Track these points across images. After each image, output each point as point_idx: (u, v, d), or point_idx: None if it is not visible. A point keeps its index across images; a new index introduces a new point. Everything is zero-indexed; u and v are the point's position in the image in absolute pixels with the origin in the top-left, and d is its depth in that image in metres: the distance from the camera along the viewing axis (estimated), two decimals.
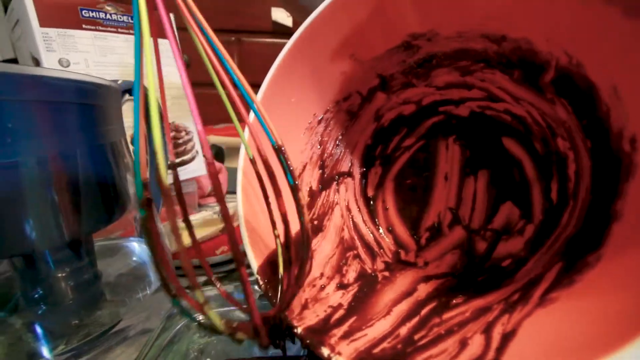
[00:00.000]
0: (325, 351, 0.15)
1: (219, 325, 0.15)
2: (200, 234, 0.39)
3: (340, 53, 0.24)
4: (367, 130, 0.29)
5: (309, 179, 0.26)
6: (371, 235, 0.27)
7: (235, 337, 0.16)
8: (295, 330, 0.16)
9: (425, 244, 0.25)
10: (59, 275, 0.22)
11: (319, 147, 0.27)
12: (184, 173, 0.45)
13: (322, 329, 0.16)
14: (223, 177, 0.61)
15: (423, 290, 0.21)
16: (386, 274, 0.23)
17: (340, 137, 0.28)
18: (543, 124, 0.21)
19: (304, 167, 0.26)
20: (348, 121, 0.28)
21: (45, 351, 0.21)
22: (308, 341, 0.15)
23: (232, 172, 0.68)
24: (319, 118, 0.27)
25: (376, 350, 0.15)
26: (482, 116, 0.25)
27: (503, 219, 0.22)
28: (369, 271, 0.23)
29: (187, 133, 0.45)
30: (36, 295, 0.22)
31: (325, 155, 0.28)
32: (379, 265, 0.24)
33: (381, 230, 0.27)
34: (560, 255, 0.17)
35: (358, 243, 0.26)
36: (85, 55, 0.33)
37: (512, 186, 0.22)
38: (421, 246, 0.25)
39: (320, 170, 0.27)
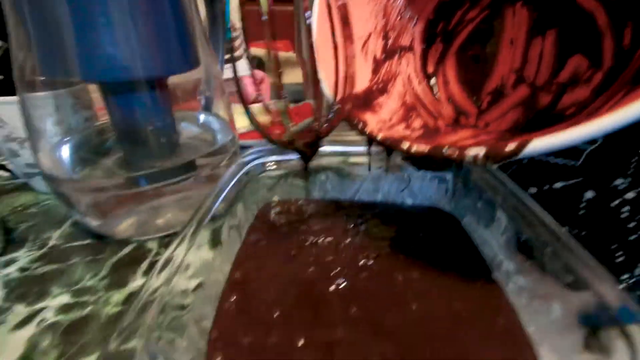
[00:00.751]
0: (404, 145, 0.18)
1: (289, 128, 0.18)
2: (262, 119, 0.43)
3: None
4: (429, 3, 0.30)
5: (374, 48, 0.28)
6: (431, 105, 0.29)
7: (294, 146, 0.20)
8: (376, 138, 0.19)
9: (487, 108, 0.27)
10: (149, 128, 0.28)
11: (382, 18, 0.29)
12: (231, 71, 0.48)
13: (399, 139, 0.19)
14: (265, 87, 0.63)
15: (485, 138, 0.23)
16: (448, 129, 0.25)
17: (403, 10, 0.29)
18: None
19: (369, 36, 0.28)
20: None
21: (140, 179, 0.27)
22: (388, 142, 0.18)
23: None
24: None
25: None
26: None
27: (570, 71, 0.23)
28: (432, 126, 0.26)
29: (235, 30, 0.47)
30: (128, 144, 0.28)
31: (389, 27, 0.29)
32: (441, 124, 0.26)
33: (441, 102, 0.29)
34: (627, 83, 0.19)
35: (421, 109, 0.28)
36: None
37: (582, 39, 0.23)
38: (482, 110, 0.27)
39: (384, 41, 0.29)
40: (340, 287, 0.20)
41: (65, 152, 0.31)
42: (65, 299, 0.24)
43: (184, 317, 0.17)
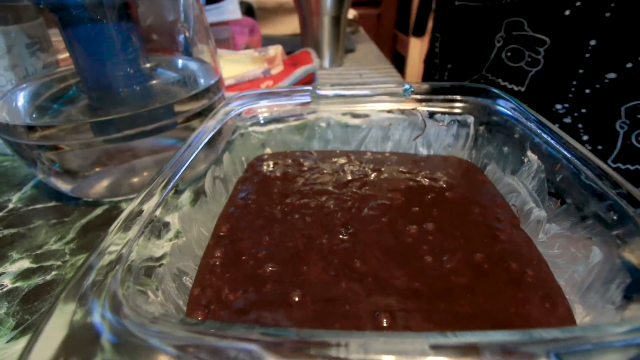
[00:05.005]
0: None
1: None
2: (246, 68, 0.41)
3: None
4: None
5: None
6: None
7: None
8: None
9: None
10: (118, 72, 0.26)
11: None
12: (218, 13, 0.46)
13: None
14: (257, 38, 0.61)
15: None
16: None
17: None
18: None
19: None
20: None
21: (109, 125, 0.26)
22: None
23: (268, 40, 0.68)
24: None
25: None
26: None
27: None
28: None
29: None
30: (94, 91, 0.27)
31: None
32: None
33: None
34: None
35: None
36: None
37: None
38: None
39: None
40: (344, 240, 0.19)
41: (22, 100, 0.29)
42: (25, 264, 0.23)
43: (158, 270, 0.16)
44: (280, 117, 0.28)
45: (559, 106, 0.36)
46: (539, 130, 0.21)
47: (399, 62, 1.62)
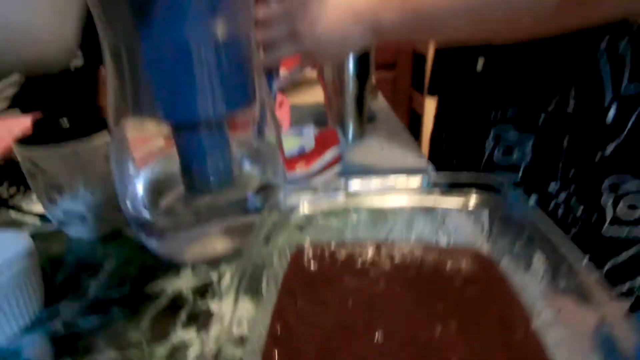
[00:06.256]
0: None
1: None
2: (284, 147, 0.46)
3: None
4: None
5: None
6: None
7: None
8: None
9: None
10: (211, 162, 0.33)
11: None
12: None
13: None
14: (285, 110, 0.66)
15: None
16: None
17: None
18: None
19: None
20: None
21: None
22: None
23: (295, 110, 0.74)
24: None
25: None
26: None
27: None
28: None
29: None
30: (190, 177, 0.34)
31: None
32: None
33: None
34: None
35: None
36: None
37: None
38: None
39: None
40: (380, 337, 0.23)
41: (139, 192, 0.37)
42: (112, 354, 0.27)
43: None
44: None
45: (553, 184, 0.46)
46: (543, 235, 0.24)
47: (415, 120, 1.67)
